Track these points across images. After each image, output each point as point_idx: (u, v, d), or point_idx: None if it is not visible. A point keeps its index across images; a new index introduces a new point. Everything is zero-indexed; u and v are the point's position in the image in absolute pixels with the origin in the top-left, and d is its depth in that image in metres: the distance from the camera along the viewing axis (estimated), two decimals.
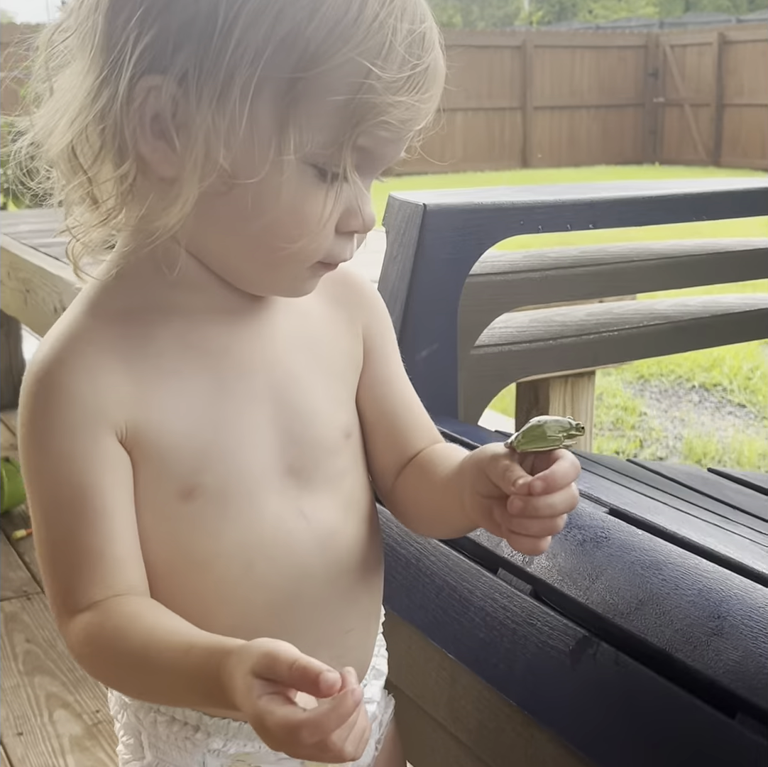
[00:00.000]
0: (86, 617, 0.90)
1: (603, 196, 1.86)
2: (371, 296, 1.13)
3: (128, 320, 0.95)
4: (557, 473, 0.88)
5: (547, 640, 1.19)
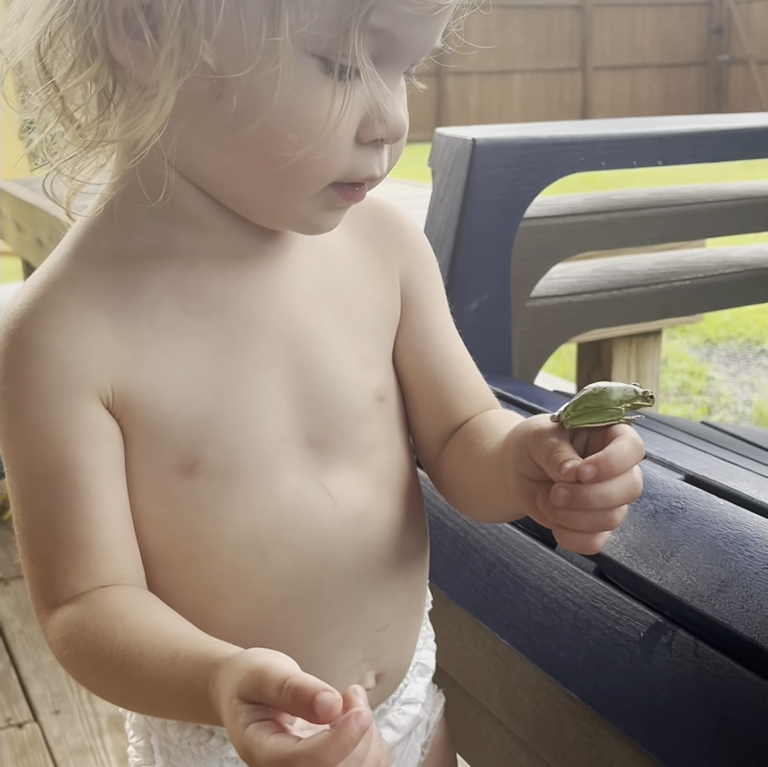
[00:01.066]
0: (66, 612, 0.78)
1: (673, 129, 1.70)
2: (412, 235, 0.97)
3: (118, 265, 0.82)
4: (614, 456, 0.73)
5: (614, 626, 1.06)
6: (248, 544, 0.83)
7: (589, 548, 0.77)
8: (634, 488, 0.75)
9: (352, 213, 0.90)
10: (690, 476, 1.18)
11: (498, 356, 1.56)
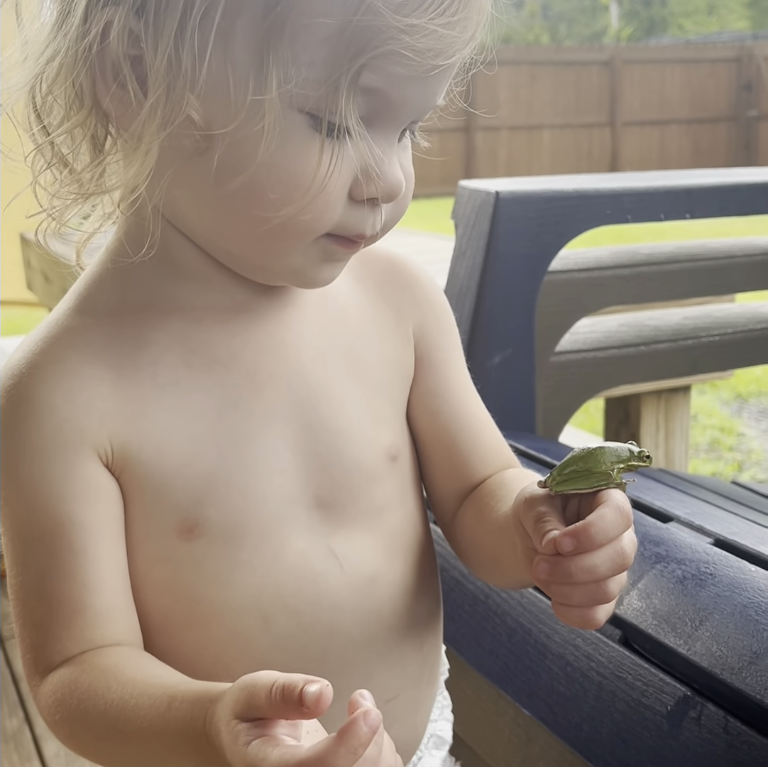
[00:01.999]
0: (58, 675, 0.74)
1: (701, 182, 1.66)
2: (426, 289, 0.94)
3: (120, 318, 0.79)
4: (594, 526, 0.68)
5: (640, 698, 1.01)
6: (250, 609, 0.80)
7: (588, 623, 0.72)
8: (621, 559, 0.70)
9: (365, 266, 0.88)
10: (719, 541, 1.14)
11: (521, 412, 1.52)
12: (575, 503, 0.73)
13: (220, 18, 0.66)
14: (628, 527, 0.71)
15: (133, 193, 0.72)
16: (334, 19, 0.66)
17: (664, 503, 1.23)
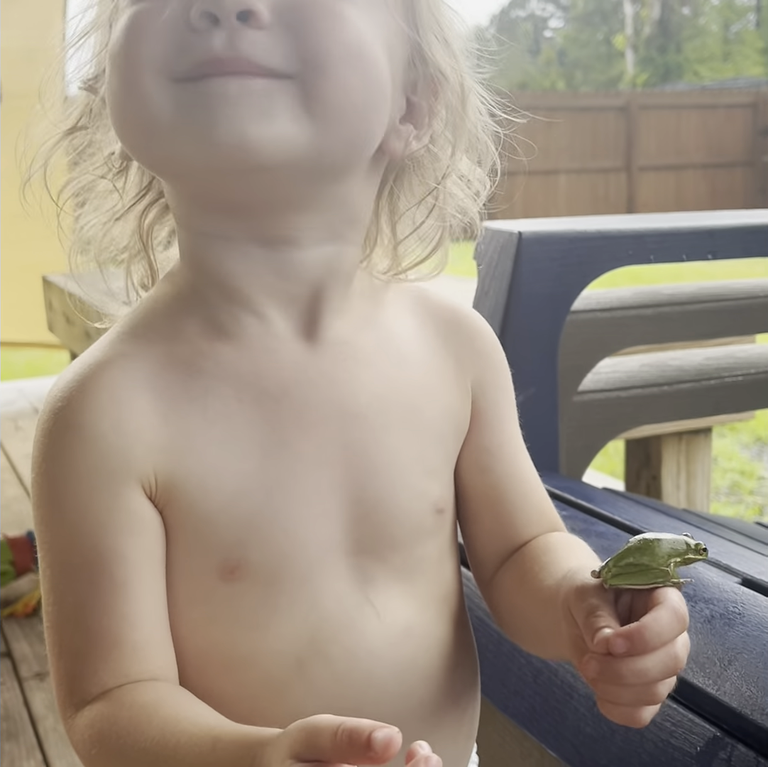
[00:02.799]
0: (95, 709, 0.73)
1: (724, 223, 1.67)
2: (489, 344, 0.92)
3: (173, 345, 0.78)
4: (650, 630, 0.66)
5: (669, 739, 1.00)
6: (286, 655, 0.78)
7: (634, 722, 0.70)
8: (674, 663, 0.68)
9: (429, 314, 0.88)
10: (747, 580, 1.13)
11: (545, 452, 1.51)
12: (628, 596, 0.71)
13: None
14: (683, 631, 0.69)
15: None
16: None
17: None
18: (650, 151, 17.40)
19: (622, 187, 17.35)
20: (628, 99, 17.56)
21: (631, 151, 17.22)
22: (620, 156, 17.23)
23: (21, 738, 2.41)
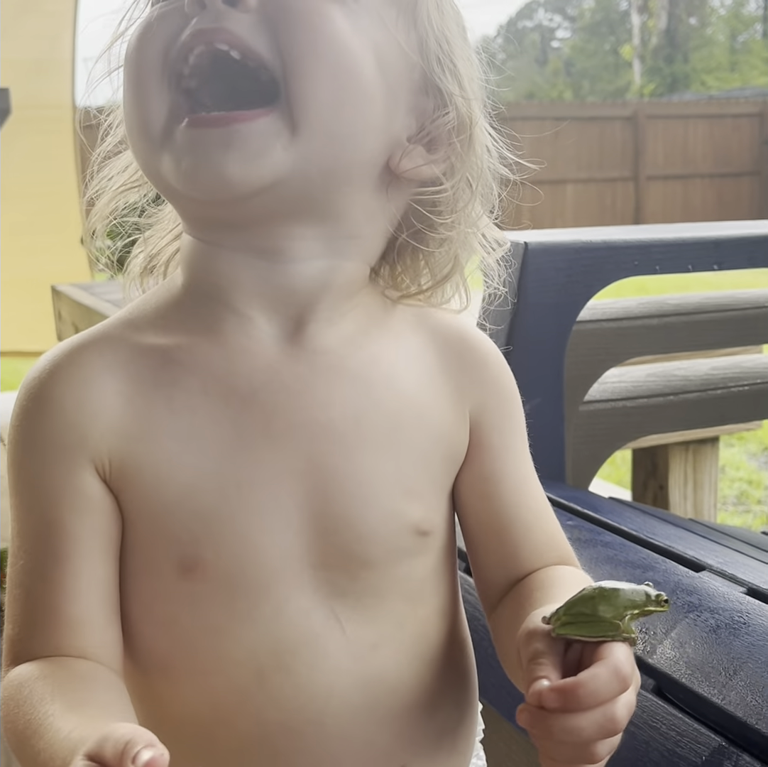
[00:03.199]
0: (16, 671, 0.74)
1: (729, 233, 1.67)
2: (494, 369, 0.89)
3: (154, 333, 0.80)
4: (585, 687, 0.63)
5: (675, 748, 1.00)
6: (246, 663, 0.77)
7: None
8: (611, 725, 0.64)
9: (434, 336, 0.86)
10: (752, 590, 1.13)
11: (551, 461, 1.52)
12: (579, 646, 0.68)
13: None
14: (624, 691, 0.65)
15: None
16: None
17: (696, 552, 1.22)
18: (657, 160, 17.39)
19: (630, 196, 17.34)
20: (635, 109, 17.57)
21: (639, 160, 17.22)
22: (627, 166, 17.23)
23: None
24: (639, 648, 1.09)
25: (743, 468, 5.16)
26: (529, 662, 0.67)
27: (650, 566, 1.17)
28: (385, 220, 0.82)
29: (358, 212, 0.79)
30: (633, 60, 32.41)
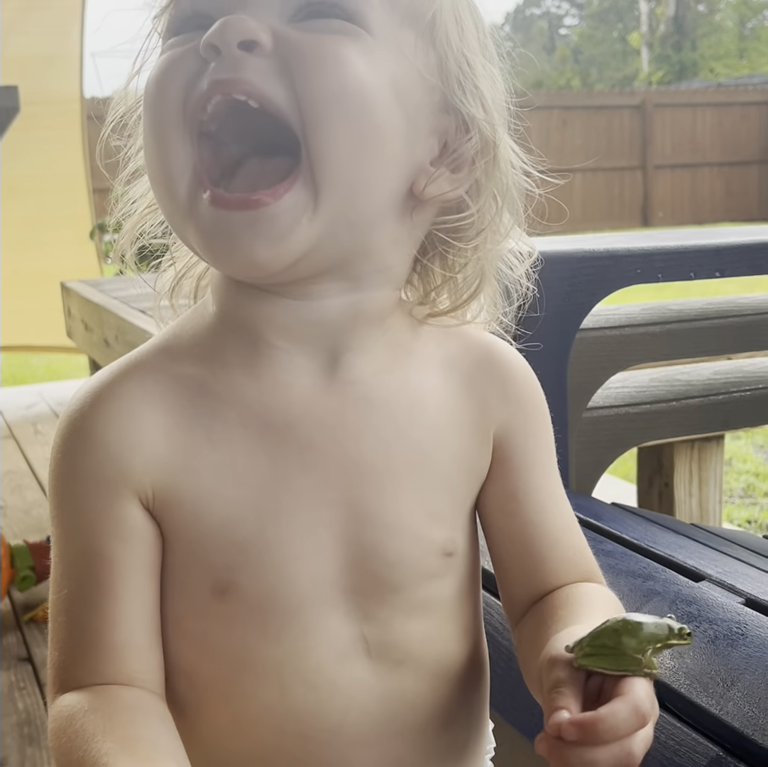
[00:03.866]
0: (64, 701, 0.75)
1: (731, 241, 1.68)
2: (521, 386, 0.89)
3: (191, 363, 0.80)
4: (604, 722, 0.64)
5: (673, 757, 1.01)
6: (270, 678, 0.80)
7: None
8: (628, 759, 0.65)
9: (460, 351, 0.85)
10: (751, 600, 1.14)
11: None
12: (600, 676, 0.69)
13: None
14: (642, 727, 0.66)
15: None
16: None
17: (696, 561, 1.24)
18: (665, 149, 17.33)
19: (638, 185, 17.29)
20: (643, 97, 17.50)
21: (647, 149, 17.16)
22: (636, 155, 17.17)
23: (42, 743, 2.45)
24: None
25: (750, 461, 5.16)
26: (551, 690, 0.68)
27: (650, 576, 1.19)
28: (411, 245, 0.82)
29: (385, 245, 0.79)
30: (641, 47, 32.27)
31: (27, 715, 2.55)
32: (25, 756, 2.38)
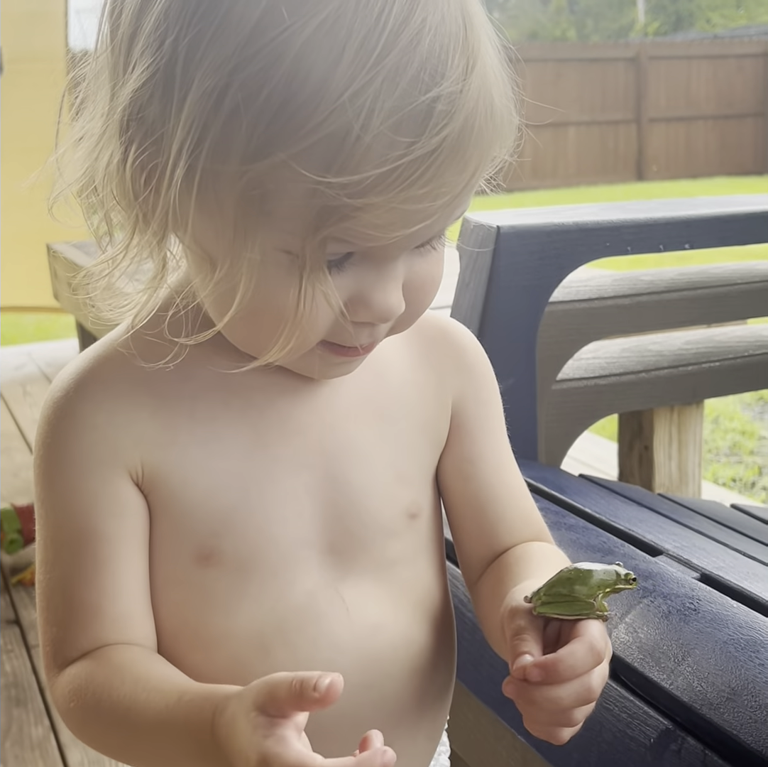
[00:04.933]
0: (75, 668, 0.79)
1: (700, 213, 1.69)
2: (471, 358, 0.96)
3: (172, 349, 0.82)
4: (563, 662, 0.71)
5: (626, 729, 1.04)
6: (252, 639, 0.84)
7: (553, 740, 0.75)
8: (587, 694, 0.73)
9: (416, 332, 0.89)
10: (705, 575, 1.16)
11: (523, 440, 1.55)
12: (557, 622, 0.75)
13: (200, 180, 0.68)
14: (599, 664, 0.73)
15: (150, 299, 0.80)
16: (294, 196, 0.67)
17: (655, 536, 1.26)
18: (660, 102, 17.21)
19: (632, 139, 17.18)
20: (638, 50, 17.35)
21: (641, 102, 17.04)
22: (630, 108, 17.06)
23: (29, 705, 2.49)
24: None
25: (737, 419, 5.18)
26: (513, 637, 0.74)
27: (610, 551, 1.21)
28: None
29: None
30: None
31: (14, 677, 2.59)
32: (12, 718, 2.42)
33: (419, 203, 0.67)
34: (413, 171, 0.65)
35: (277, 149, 0.65)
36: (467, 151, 0.68)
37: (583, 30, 32.17)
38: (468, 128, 0.67)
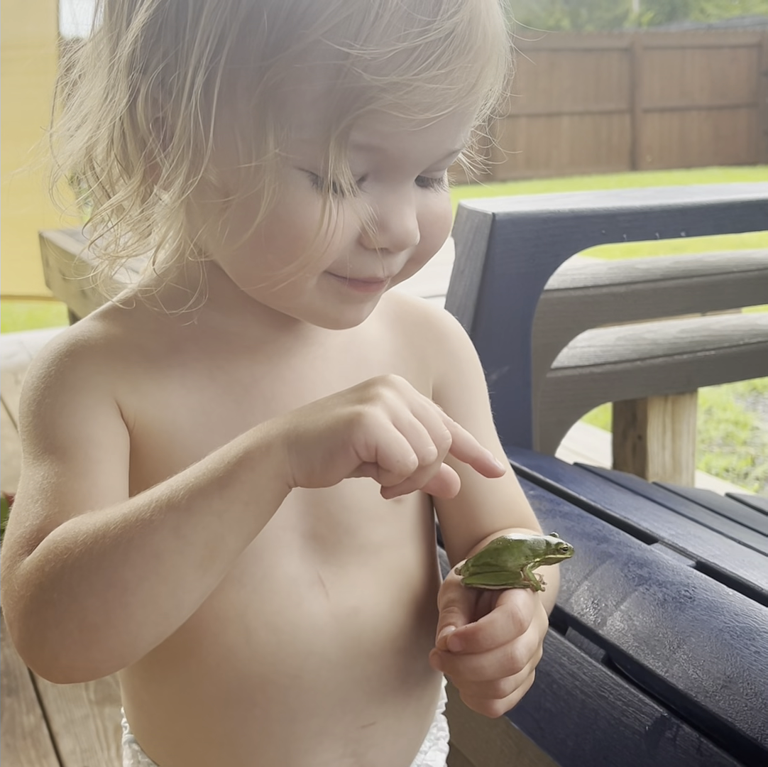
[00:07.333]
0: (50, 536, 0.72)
1: (696, 201, 1.68)
2: (455, 343, 0.96)
3: (162, 322, 0.84)
4: (483, 631, 0.72)
5: (621, 717, 1.04)
6: (235, 621, 0.83)
7: (485, 712, 0.76)
8: (510, 663, 0.73)
9: (399, 317, 0.90)
10: (701, 563, 1.16)
11: (518, 428, 1.55)
12: (489, 594, 0.76)
13: (220, 86, 0.70)
14: (520, 634, 0.73)
15: (168, 244, 0.80)
16: (318, 84, 0.69)
17: (650, 524, 1.26)
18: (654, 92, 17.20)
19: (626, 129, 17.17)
20: (632, 40, 17.32)
21: (635, 92, 17.02)
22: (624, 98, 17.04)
23: (21, 694, 2.48)
24: (591, 620, 1.13)
25: (730, 409, 5.19)
26: (442, 610, 0.76)
27: (605, 539, 1.21)
28: None
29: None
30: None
31: (6, 666, 2.58)
32: (4, 707, 2.42)
33: (439, 83, 0.70)
34: (431, 52, 0.69)
35: (302, 30, 0.68)
36: (475, 44, 0.72)
37: (577, 19, 32.10)
38: (474, 21, 0.71)
